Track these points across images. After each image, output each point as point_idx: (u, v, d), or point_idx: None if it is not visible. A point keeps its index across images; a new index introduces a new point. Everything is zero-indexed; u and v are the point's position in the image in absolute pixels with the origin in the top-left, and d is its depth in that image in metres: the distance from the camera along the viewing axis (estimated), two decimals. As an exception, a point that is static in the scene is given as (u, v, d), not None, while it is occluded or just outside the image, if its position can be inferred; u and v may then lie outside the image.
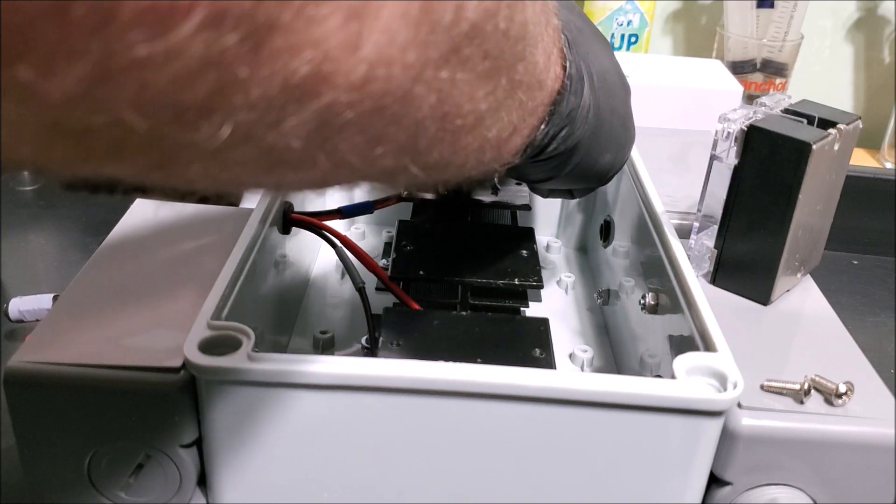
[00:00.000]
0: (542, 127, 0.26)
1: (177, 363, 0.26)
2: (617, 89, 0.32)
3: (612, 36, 0.75)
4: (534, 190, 0.37)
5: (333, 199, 0.44)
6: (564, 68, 0.26)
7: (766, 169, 0.31)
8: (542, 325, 0.34)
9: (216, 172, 0.16)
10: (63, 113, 0.13)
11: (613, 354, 0.40)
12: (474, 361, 0.27)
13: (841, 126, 0.32)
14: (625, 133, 0.33)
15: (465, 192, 0.41)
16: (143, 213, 0.37)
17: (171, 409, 0.26)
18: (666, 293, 0.33)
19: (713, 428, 0.26)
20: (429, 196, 0.42)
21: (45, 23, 0.11)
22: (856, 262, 0.57)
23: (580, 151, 0.29)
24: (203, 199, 0.38)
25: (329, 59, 0.14)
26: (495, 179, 0.40)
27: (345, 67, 0.14)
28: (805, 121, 0.32)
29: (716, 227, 0.34)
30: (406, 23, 0.15)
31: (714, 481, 0.28)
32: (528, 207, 0.43)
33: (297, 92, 0.14)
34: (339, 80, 0.15)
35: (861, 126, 0.33)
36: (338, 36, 0.14)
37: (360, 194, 0.39)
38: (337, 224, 0.38)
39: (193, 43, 0.12)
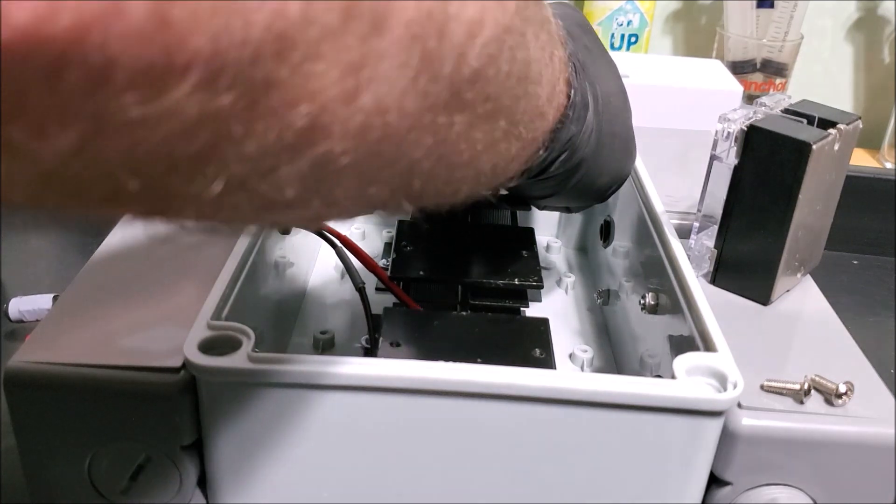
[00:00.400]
0: (541, 153, 0.26)
1: (177, 363, 0.26)
2: (620, 112, 0.32)
3: (612, 36, 0.75)
4: (530, 203, 0.37)
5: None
6: (569, 96, 0.26)
7: (766, 169, 0.31)
8: (542, 325, 0.34)
9: (211, 215, 0.16)
10: (55, 169, 0.13)
11: (613, 354, 0.40)
12: (474, 362, 0.27)
13: (841, 126, 0.32)
14: (625, 155, 0.33)
15: None
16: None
17: (171, 410, 0.26)
18: (666, 293, 0.33)
19: (713, 428, 0.26)
20: None
21: (37, 88, 0.11)
22: (856, 262, 0.57)
23: (580, 172, 0.30)
24: None
25: (326, 111, 0.14)
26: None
27: (341, 117, 0.14)
28: (805, 121, 0.32)
29: (716, 227, 0.34)
30: (405, 74, 0.15)
31: (714, 481, 0.28)
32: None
33: (293, 142, 0.14)
34: (334, 129, 0.14)
35: (861, 126, 0.33)
36: (335, 89, 0.14)
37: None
38: (337, 224, 0.38)
39: (188, 103, 0.12)
